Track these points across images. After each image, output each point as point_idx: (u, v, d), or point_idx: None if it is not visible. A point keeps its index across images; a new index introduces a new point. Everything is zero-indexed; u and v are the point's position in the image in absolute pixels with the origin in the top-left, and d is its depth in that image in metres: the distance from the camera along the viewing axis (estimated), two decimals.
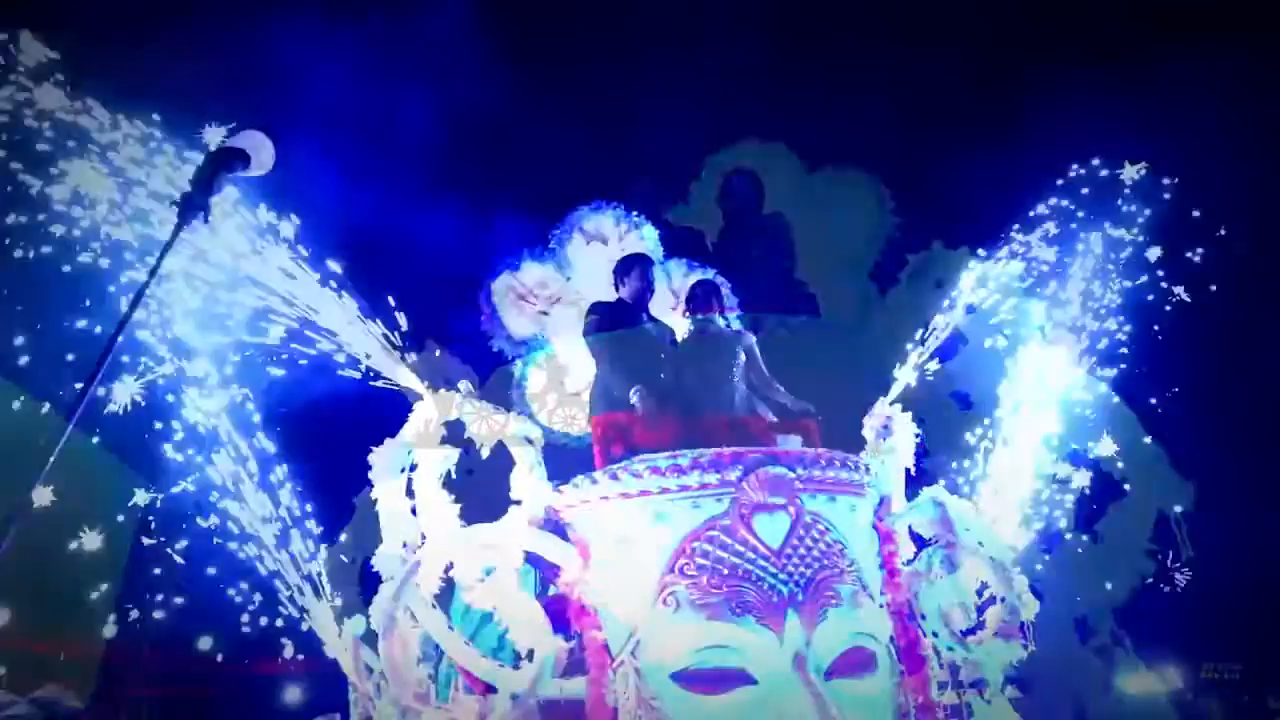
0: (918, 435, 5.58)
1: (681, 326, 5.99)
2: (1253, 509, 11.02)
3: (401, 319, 5.16)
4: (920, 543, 5.33)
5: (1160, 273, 7.61)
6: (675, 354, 5.72)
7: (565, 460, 5.15)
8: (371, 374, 5.13)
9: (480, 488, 4.93)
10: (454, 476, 4.87)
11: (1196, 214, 8.34)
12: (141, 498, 7.36)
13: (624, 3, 11.39)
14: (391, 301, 5.26)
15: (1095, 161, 7.64)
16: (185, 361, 5.50)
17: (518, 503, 4.69)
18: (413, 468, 4.91)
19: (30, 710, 3.86)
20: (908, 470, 5.53)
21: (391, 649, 4.30)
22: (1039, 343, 6.52)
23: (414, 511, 4.89)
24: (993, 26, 11.51)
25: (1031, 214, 7.23)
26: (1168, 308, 7.81)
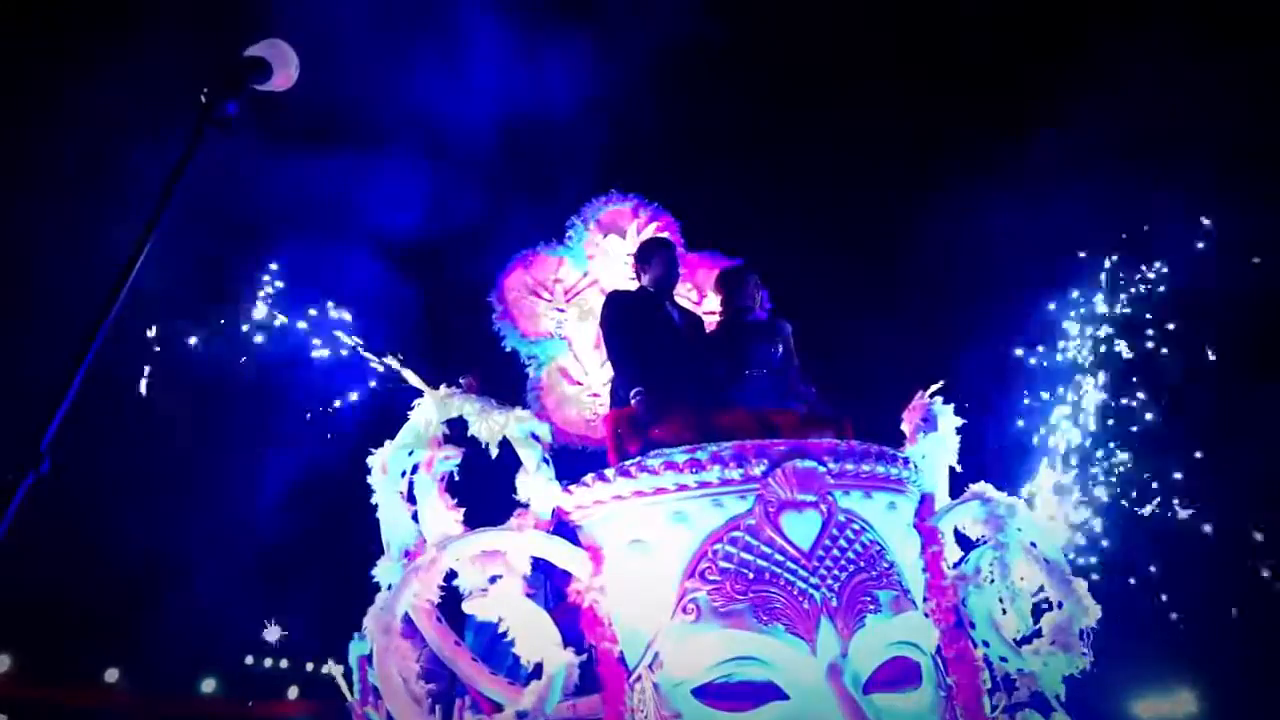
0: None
1: (709, 315, 5.63)
2: None
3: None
4: (967, 544, 4.89)
5: None
6: (703, 344, 5.37)
7: (580, 465, 4.80)
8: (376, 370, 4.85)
9: (484, 490, 4.59)
10: (456, 479, 4.54)
11: None
12: None
13: None
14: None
15: None
16: None
17: (524, 505, 4.34)
18: (414, 470, 4.60)
19: None
20: (951, 468, 5.12)
21: (386, 663, 3.94)
22: None
23: (415, 518, 4.57)
24: None
25: None
26: None
